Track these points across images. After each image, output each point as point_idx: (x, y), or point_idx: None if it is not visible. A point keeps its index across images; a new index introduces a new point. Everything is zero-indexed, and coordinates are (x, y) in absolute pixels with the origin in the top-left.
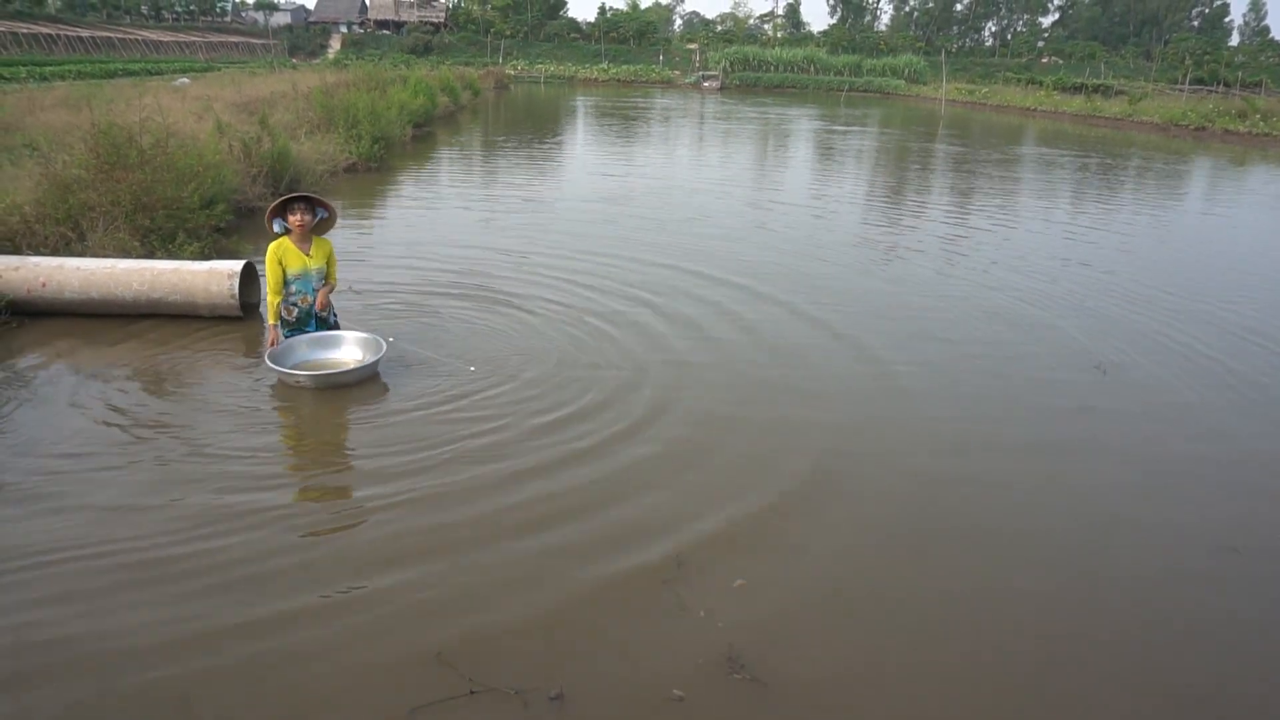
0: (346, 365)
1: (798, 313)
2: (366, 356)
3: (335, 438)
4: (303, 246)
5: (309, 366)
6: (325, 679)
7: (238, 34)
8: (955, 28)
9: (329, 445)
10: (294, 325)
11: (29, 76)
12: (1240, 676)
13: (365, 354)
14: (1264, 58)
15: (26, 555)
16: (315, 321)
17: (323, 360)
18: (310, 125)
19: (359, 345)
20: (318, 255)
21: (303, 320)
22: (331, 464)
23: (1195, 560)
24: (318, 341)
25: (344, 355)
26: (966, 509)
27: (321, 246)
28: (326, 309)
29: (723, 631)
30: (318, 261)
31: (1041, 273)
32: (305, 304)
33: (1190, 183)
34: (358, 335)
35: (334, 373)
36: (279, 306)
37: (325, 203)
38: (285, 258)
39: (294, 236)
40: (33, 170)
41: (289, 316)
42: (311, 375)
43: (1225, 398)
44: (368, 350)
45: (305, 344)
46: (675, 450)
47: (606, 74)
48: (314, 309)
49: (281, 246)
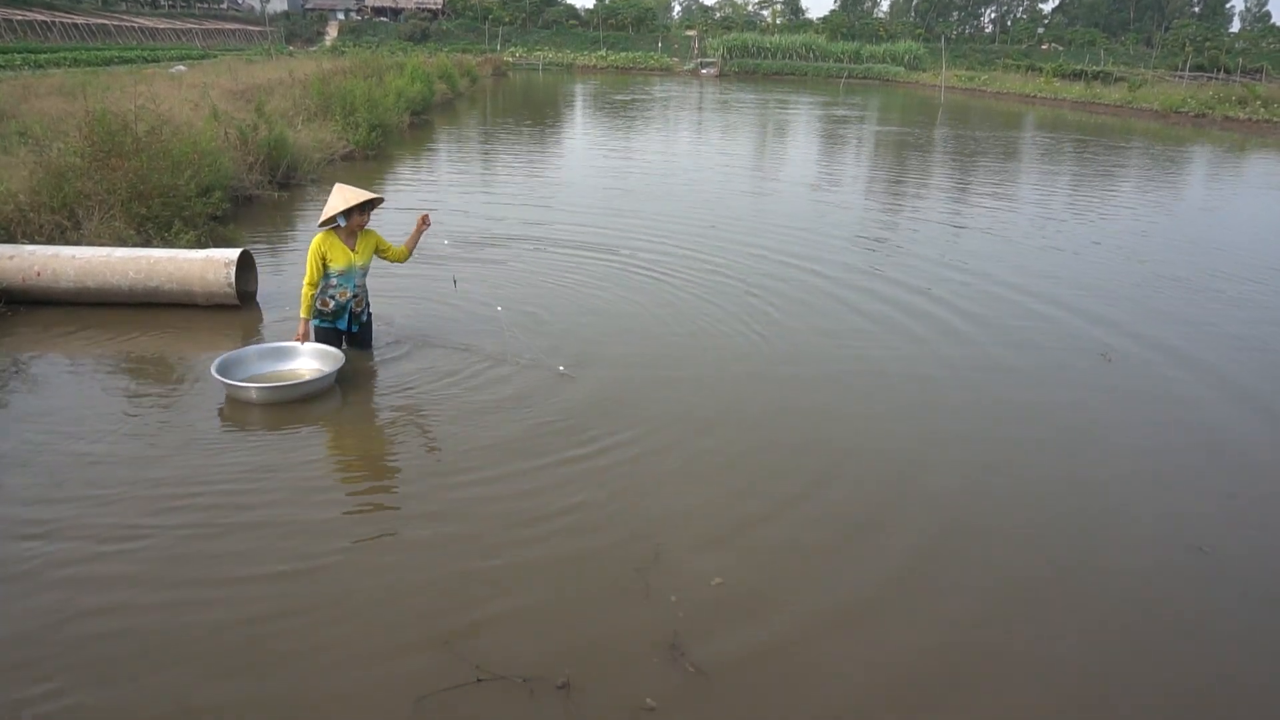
0: (302, 377)
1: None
2: (322, 368)
3: (336, 424)
4: (349, 242)
5: (261, 379)
6: (332, 667)
7: (234, 21)
8: (955, 14)
9: (329, 432)
10: (330, 316)
11: (24, 63)
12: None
13: (321, 365)
14: (1265, 44)
15: (14, 543)
16: (349, 316)
17: (276, 372)
18: (307, 113)
19: (315, 356)
20: (364, 250)
21: (339, 313)
22: (333, 451)
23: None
24: (271, 353)
25: (299, 366)
26: (973, 508)
27: (367, 239)
28: (362, 305)
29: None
30: (363, 257)
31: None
32: (344, 297)
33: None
34: (314, 346)
35: (284, 385)
36: (313, 299)
37: (380, 197)
38: (330, 253)
39: (343, 232)
40: (28, 158)
41: (324, 308)
42: (260, 388)
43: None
44: (324, 362)
45: (257, 355)
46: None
47: (605, 61)
48: (350, 304)
49: (327, 241)
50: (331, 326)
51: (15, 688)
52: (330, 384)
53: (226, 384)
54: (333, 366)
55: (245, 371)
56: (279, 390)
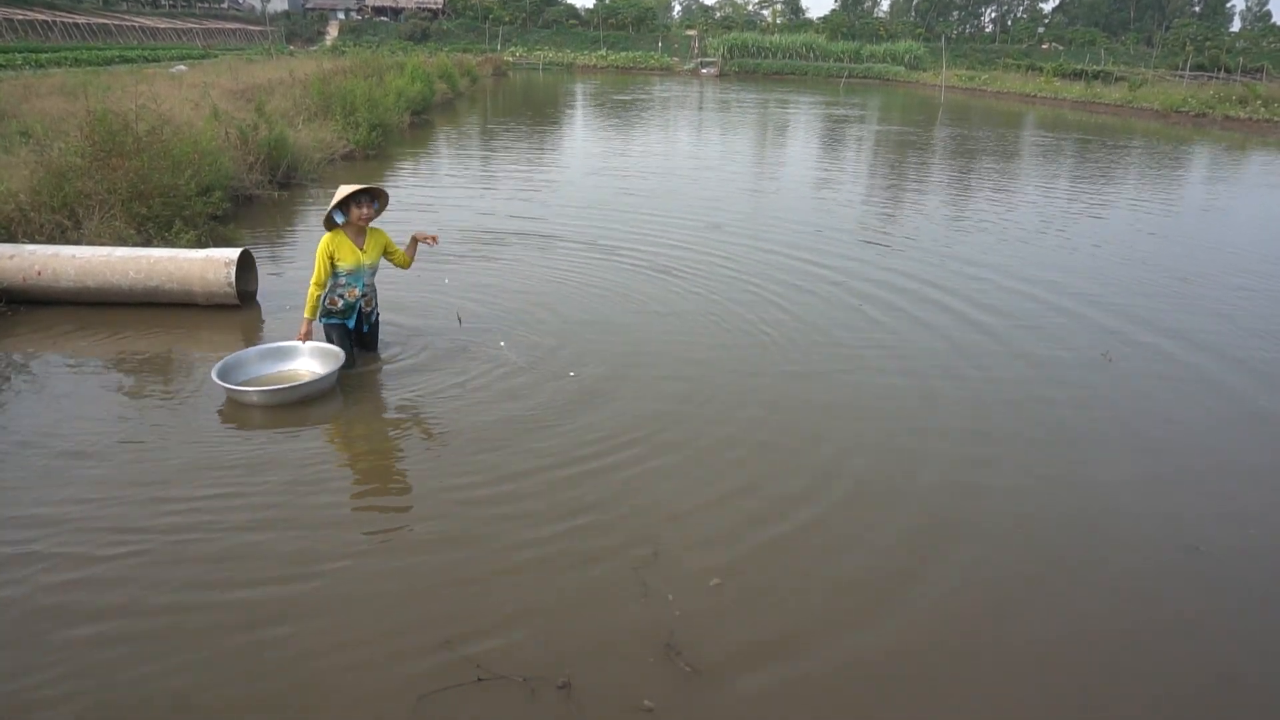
0: (302, 378)
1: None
2: (323, 369)
3: (337, 425)
4: (357, 241)
5: (262, 381)
6: (333, 668)
7: (235, 21)
8: (955, 14)
9: (330, 433)
10: (338, 315)
11: (25, 63)
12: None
13: (322, 366)
14: (1265, 43)
15: (14, 544)
16: (359, 316)
17: (275, 374)
18: (308, 113)
19: (315, 356)
20: (372, 249)
21: (347, 312)
22: (334, 453)
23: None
24: (272, 353)
25: (300, 367)
26: (973, 507)
27: (376, 239)
28: (371, 304)
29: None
30: (371, 257)
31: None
32: (353, 296)
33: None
34: (315, 345)
35: (285, 387)
36: (320, 299)
37: (385, 192)
38: (338, 252)
39: (350, 230)
40: (28, 158)
41: (333, 307)
42: (261, 391)
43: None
44: (324, 362)
45: (257, 356)
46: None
47: (605, 61)
48: (360, 303)
49: (335, 240)
50: (342, 324)
51: (14, 689)
52: (332, 384)
53: (227, 389)
54: (333, 366)
55: (246, 373)
56: (279, 393)
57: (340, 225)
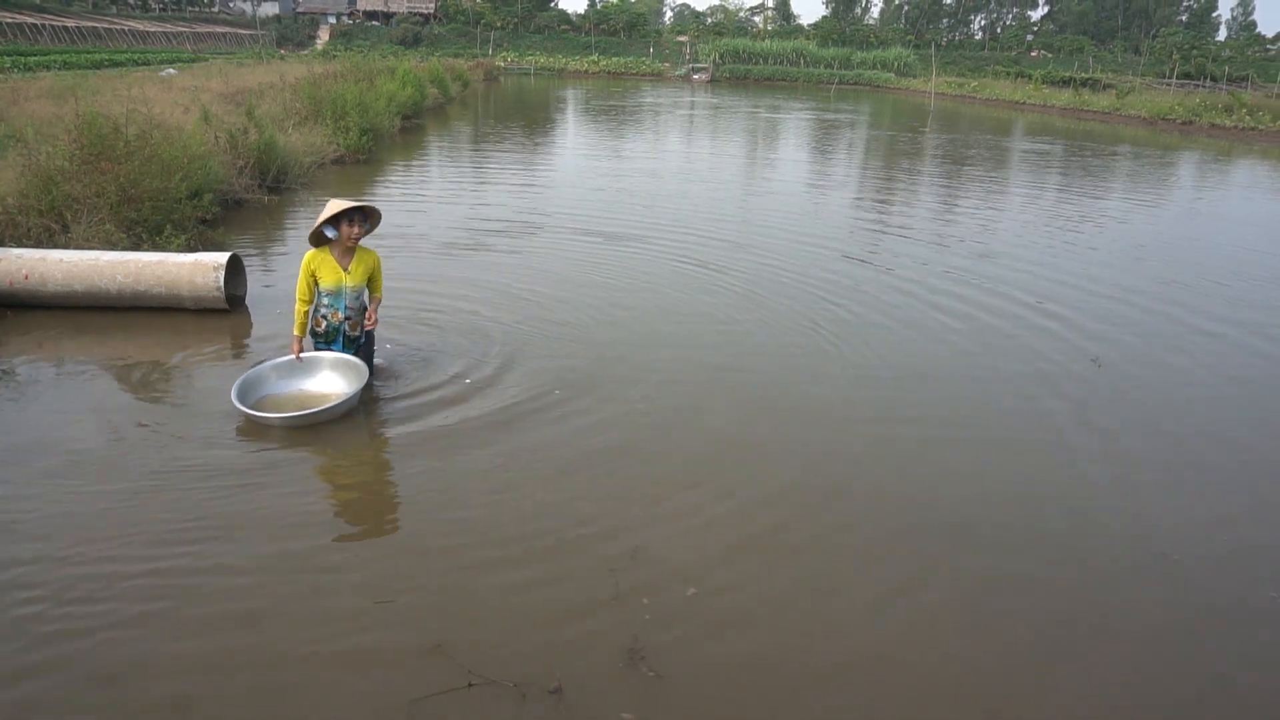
0: (324, 395)
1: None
2: (346, 385)
3: (329, 429)
4: (343, 261)
5: (280, 398)
6: (326, 671)
7: (225, 24)
8: (945, 21)
9: (322, 436)
10: (322, 338)
11: (13, 66)
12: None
13: (345, 381)
14: (1250, 52)
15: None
16: (343, 340)
17: (295, 392)
18: (298, 117)
19: (336, 370)
20: (357, 271)
21: (331, 335)
22: (323, 456)
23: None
24: (288, 368)
25: (320, 384)
26: (958, 512)
27: (363, 260)
28: (358, 329)
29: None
30: (355, 279)
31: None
32: (335, 319)
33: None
34: (335, 357)
35: (307, 414)
36: (307, 315)
37: (377, 211)
38: (320, 270)
39: (336, 249)
40: (16, 161)
41: (317, 328)
42: (284, 417)
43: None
44: (348, 376)
45: (274, 372)
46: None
47: (596, 66)
48: (343, 326)
49: (318, 258)
50: (326, 349)
51: (12, 692)
52: (356, 402)
53: (251, 415)
54: (357, 383)
55: (263, 391)
56: (308, 417)
57: (330, 241)
